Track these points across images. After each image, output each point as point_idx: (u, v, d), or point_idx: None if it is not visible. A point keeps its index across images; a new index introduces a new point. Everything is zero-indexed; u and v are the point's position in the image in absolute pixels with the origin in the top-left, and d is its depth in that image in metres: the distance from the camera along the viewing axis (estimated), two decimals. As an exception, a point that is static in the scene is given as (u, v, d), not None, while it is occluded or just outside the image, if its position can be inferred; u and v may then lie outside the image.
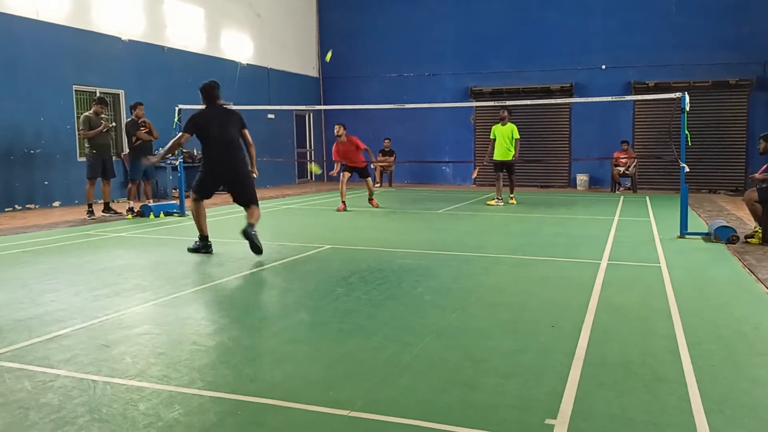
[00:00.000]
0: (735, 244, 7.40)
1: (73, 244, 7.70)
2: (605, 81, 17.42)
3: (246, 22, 17.74)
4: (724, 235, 7.55)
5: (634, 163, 16.52)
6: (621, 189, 16.65)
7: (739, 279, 5.63)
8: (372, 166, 16.42)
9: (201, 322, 4.28)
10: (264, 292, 5.34)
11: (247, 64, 17.56)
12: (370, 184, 12.10)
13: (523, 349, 3.66)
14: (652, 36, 17.15)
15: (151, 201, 11.29)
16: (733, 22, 16.46)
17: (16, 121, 11.60)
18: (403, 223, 10.08)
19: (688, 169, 8.02)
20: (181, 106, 10.37)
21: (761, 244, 7.32)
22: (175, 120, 10.25)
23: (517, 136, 12.50)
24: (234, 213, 10.60)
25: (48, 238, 8.14)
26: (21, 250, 7.28)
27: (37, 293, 5.08)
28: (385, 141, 18.63)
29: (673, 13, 16.93)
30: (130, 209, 10.61)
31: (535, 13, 18.31)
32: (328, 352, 3.64)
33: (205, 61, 15.84)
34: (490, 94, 18.51)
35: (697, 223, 9.46)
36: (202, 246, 7.01)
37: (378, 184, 18.03)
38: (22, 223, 9.64)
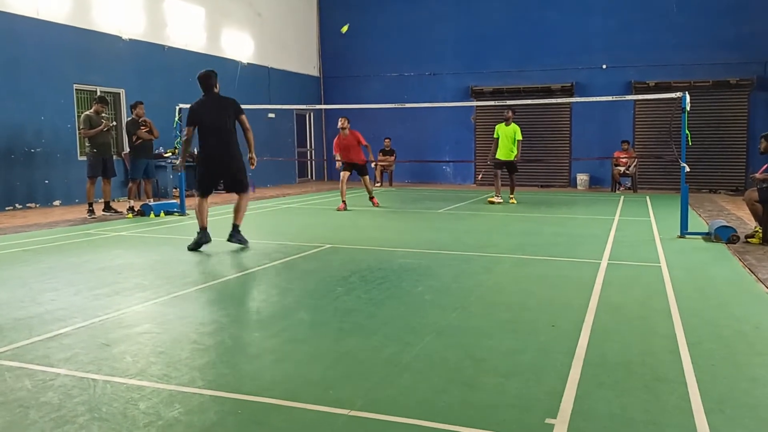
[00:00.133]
0: (735, 243, 7.40)
1: (73, 243, 7.70)
2: (606, 81, 17.42)
3: (246, 22, 17.74)
4: (725, 235, 7.55)
5: (635, 163, 16.52)
6: (621, 189, 16.65)
7: (740, 279, 5.63)
8: (372, 165, 16.41)
9: (201, 321, 4.28)
10: (264, 291, 5.35)
11: (247, 64, 17.56)
12: (367, 183, 12.00)
13: (523, 348, 3.66)
14: (652, 36, 17.14)
15: (151, 200, 11.29)
16: (734, 21, 16.45)
17: (17, 120, 11.60)
18: (403, 223, 10.08)
19: (688, 169, 8.01)
20: (181, 105, 10.36)
21: (761, 244, 7.32)
22: (176, 119, 10.24)
23: (519, 137, 12.52)
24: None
25: (48, 237, 8.14)
26: (21, 248, 7.28)
27: (37, 292, 5.09)
28: (386, 140, 18.63)
29: (673, 12, 16.92)
30: (131, 208, 10.62)
31: (535, 13, 18.30)
32: (329, 352, 3.64)
33: (206, 60, 15.80)
34: (491, 94, 18.51)
35: (697, 222, 9.46)
36: (201, 236, 7.10)
37: (378, 184, 18.02)
38: (22, 222, 9.64)
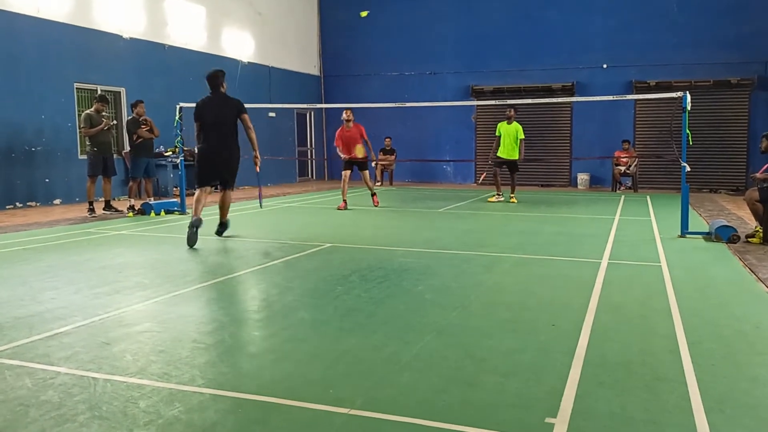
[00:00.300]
0: (736, 243, 7.40)
1: (73, 242, 7.70)
2: (606, 80, 17.41)
3: (247, 20, 17.73)
4: (725, 235, 7.55)
5: (635, 163, 16.51)
6: (622, 188, 16.64)
7: (740, 278, 5.63)
8: (372, 164, 16.39)
9: (201, 320, 4.28)
10: (264, 290, 5.34)
11: (248, 63, 17.56)
12: (367, 178, 11.85)
13: (524, 348, 3.66)
14: (653, 35, 17.13)
15: (152, 199, 11.29)
16: (734, 21, 16.44)
17: (17, 119, 11.60)
18: (403, 222, 10.08)
19: (689, 169, 8.00)
20: (182, 104, 10.37)
21: (762, 244, 7.32)
22: (176, 118, 10.24)
23: (521, 136, 12.52)
24: (234, 211, 10.61)
25: (49, 236, 8.14)
26: (22, 247, 7.28)
27: (37, 291, 5.09)
28: (386, 140, 18.62)
29: (674, 12, 16.91)
30: (131, 207, 10.62)
31: (536, 12, 18.30)
32: (329, 351, 3.64)
33: (206, 59, 15.81)
34: (491, 93, 18.50)
35: (697, 222, 9.45)
36: (194, 221, 7.22)
37: (379, 183, 18.01)
38: (22, 221, 9.64)
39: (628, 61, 17.35)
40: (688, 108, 7.87)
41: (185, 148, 10.46)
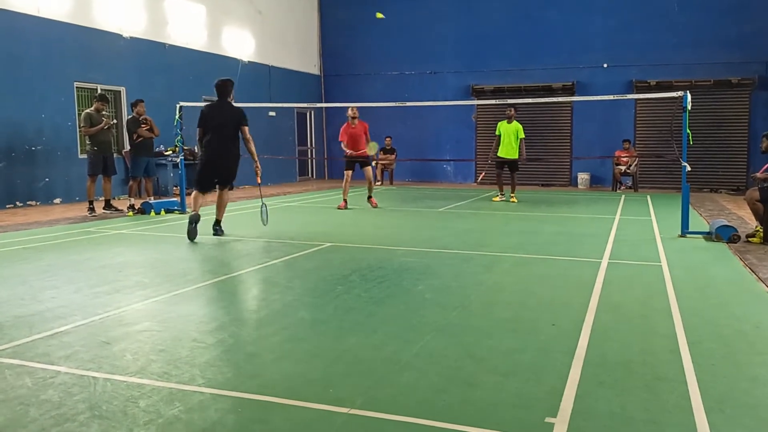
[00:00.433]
0: (736, 243, 7.40)
1: (73, 241, 7.70)
2: (607, 80, 17.40)
3: (247, 20, 17.73)
4: (725, 235, 7.54)
5: (636, 162, 16.51)
6: (622, 188, 16.64)
7: (740, 278, 5.63)
8: (373, 163, 16.36)
9: (201, 320, 4.28)
10: (264, 289, 5.34)
11: (248, 62, 17.55)
12: (369, 174, 11.70)
13: (524, 347, 3.66)
14: (653, 35, 17.12)
15: (152, 198, 11.29)
16: (735, 21, 16.43)
17: (18, 118, 11.60)
18: (403, 221, 10.07)
19: (689, 168, 8.00)
20: (182, 104, 10.36)
21: (762, 244, 7.31)
22: (176, 117, 10.24)
23: (522, 135, 12.52)
24: (234, 210, 10.62)
25: (49, 235, 8.14)
26: (22, 246, 7.28)
27: (37, 290, 5.09)
28: (387, 139, 18.61)
29: (674, 11, 16.90)
30: (131, 206, 10.62)
31: (536, 12, 18.29)
32: (329, 350, 3.64)
33: (207, 59, 15.83)
34: (492, 93, 18.50)
35: (698, 222, 9.45)
36: (192, 216, 7.59)
37: (379, 182, 18.00)
38: (23, 220, 9.64)
39: (629, 60, 17.34)
40: (689, 108, 7.87)
41: (185, 148, 10.46)
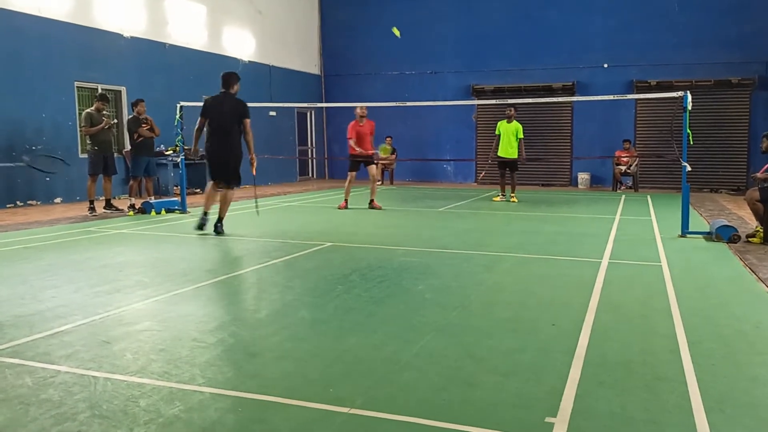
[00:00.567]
0: (736, 243, 7.40)
1: (74, 241, 7.71)
2: (607, 80, 17.40)
3: (247, 19, 17.73)
4: (726, 235, 7.54)
5: (636, 162, 16.51)
6: (622, 188, 16.64)
7: (740, 278, 5.63)
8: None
9: (202, 319, 4.28)
10: (264, 289, 5.35)
11: (248, 61, 17.55)
12: (374, 172, 11.59)
13: (524, 347, 3.66)
14: (653, 35, 17.12)
15: (152, 198, 11.29)
16: (735, 21, 16.43)
17: (18, 117, 11.60)
18: (403, 221, 10.07)
19: (689, 168, 8.00)
20: (182, 103, 10.36)
21: (762, 244, 7.31)
22: (177, 117, 10.24)
23: (521, 135, 12.53)
24: (235, 210, 10.61)
25: (49, 235, 8.15)
26: (22, 246, 7.29)
27: (38, 289, 5.09)
28: (387, 139, 18.59)
29: (674, 11, 16.90)
30: (132, 206, 10.62)
31: (536, 12, 18.29)
32: (329, 350, 3.64)
33: (207, 58, 15.83)
34: (492, 93, 18.50)
35: (698, 222, 9.45)
36: (201, 219, 8.02)
37: (379, 182, 18.00)
38: (23, 219, 9.64)
39: (629, 60, 17.34)
40: (689, 108, 7.87)
41: (185, 147, 10.45)
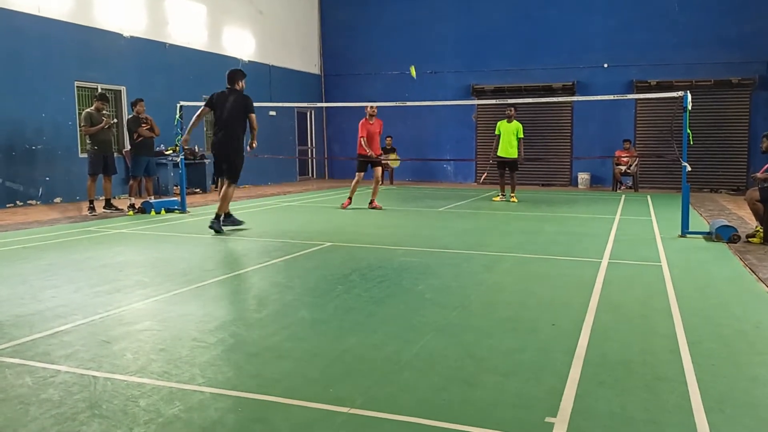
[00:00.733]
0: (736, 243, 7.40)
1: (74, 240, 7.71)
2: (607, 79, 17.39)
3: (248, 19, 17.73)
4: (726, 235, 7.54)
5: (636, 162, 16.51)
6: (622, 188, 16.63)
7: (740, 278, 5.63)
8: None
9: (202, 319, 4.28)
10: (265, 289, 5.35)
11: (248, 61, 17.54)
12: (379, 174, 11.57)
13: (524, 347, 3.66)
14: (653, 35, 17.12)
15: (152, 197, 11.29)
16: (736, 21, 16.42)
17: (18, 117, 11.60)
18: (404, 221, 10.07)
19: (689, 168, 8.00)
20: (182, 103, 10.36)
21: (762, 244, 7.31)
22: (177, 116, 10.24)
23: (521, 135, 12.54)
24: (235, 210, 10.61)
25: (49, 234, 8.14)
26: (22, 245, 7.28)
27: (37, 289, 5.09)
28: (387, 139, 18.59)
29: (675, 11, 16.89)
30: (132, 206, 10.62)
31: (536, 12, 18.28)
32: (329, 350, 3.64)
33: (207, 58, 15.83)
34: (492, 92, 18.49)
35: (698, 222, 9.45)
36: (214, 223, 8.09)
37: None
38: (23, 219, 9.64)
39: (629, 60, 17.34)
40: (689, 108, 7.87)
41: (186, 148, 10.45)
